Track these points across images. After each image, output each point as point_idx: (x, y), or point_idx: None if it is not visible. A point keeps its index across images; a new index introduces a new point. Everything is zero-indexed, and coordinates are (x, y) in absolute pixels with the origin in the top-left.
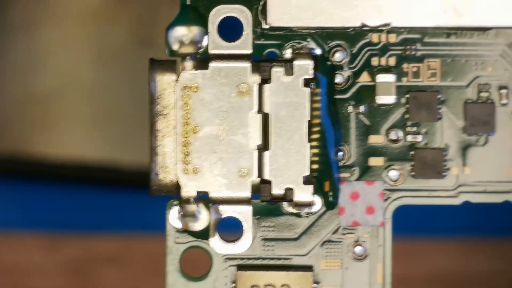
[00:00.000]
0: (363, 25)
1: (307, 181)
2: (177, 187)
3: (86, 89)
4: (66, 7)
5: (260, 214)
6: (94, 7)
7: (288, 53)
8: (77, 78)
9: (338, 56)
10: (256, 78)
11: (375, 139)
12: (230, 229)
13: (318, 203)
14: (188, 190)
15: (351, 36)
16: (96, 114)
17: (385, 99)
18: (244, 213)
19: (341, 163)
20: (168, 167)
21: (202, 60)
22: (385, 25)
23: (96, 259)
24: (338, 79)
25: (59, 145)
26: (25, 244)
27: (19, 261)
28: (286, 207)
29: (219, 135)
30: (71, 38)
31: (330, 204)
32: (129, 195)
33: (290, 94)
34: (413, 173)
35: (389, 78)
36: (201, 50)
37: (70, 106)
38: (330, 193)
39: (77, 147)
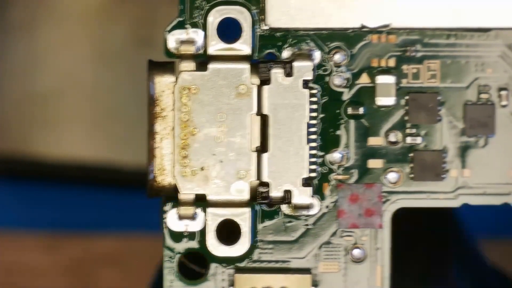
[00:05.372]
0: (363, 26)
1: (306, 183)
2: (175, 189)
3: (86, 89)
4: (66, 7)
5: (258, 216)
6: (94, 7)
7: (287, 54)
8: (77, 78)
9: (337, 58)
10: (255, 80)
11: (374, 141)
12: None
13: (316, 205)
14: (186, 192)
15: (351, 37)
16: (96, 114)
17: (384, 100)
18: (242, 216)
19: (340, 165)
20: (166, 169)
21: (201, 61)
22: (385, 26)
23: (96, 259)
24: (338, 80)
25: (58, 145)
26: (25, 244)
27: (19, 261)
28: (285, 209)
29: (218, 137)
30: (71, 38)
31: None
32: (129, 195)
33: (290, 96)
34: (412, 175)
35: (389, 79)
36: (200, 51)
37: (70, 106)
38: None
39: (77, 147)
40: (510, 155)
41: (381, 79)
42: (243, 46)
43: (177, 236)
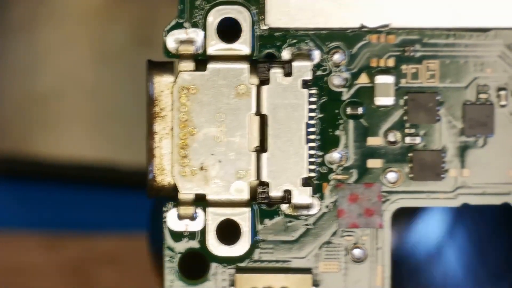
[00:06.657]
0: (362, 26)
1: (305, 183)
2: (174, 189)
3: (86, 89)
4: (66, 7)
5: (258, 216)
6: (94, 7)
7: (286, 54)
8: (77, 78)
9: (336, 58)
10: (255, 80)
11: (373, 141)
12: None
13: (316, 205)
14: (186, 192)
15: (350, 37)
16: (96, 114)
17: (383, 100)
18: (242, 216)
19: (339, 165)
20: (166, 169)
21: (201, 61)
22: (384, 26)
23: (96, 259)
24: (337, 80)
25: (58, 145)
26: (25, 244)
27: (19, 261)
28: (285, 209)
29: (217, 137)
30: (71, 38)
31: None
32: (129, 195)
33: (289, 96)
34: (411, 175)
35: (388, 79)
36: (200, 51)
37: (70, 106)
38: None
39: (76, 147)
40: (509, 154)
41: (380, 79)
42: (243, 46)
43: (178, 236)
